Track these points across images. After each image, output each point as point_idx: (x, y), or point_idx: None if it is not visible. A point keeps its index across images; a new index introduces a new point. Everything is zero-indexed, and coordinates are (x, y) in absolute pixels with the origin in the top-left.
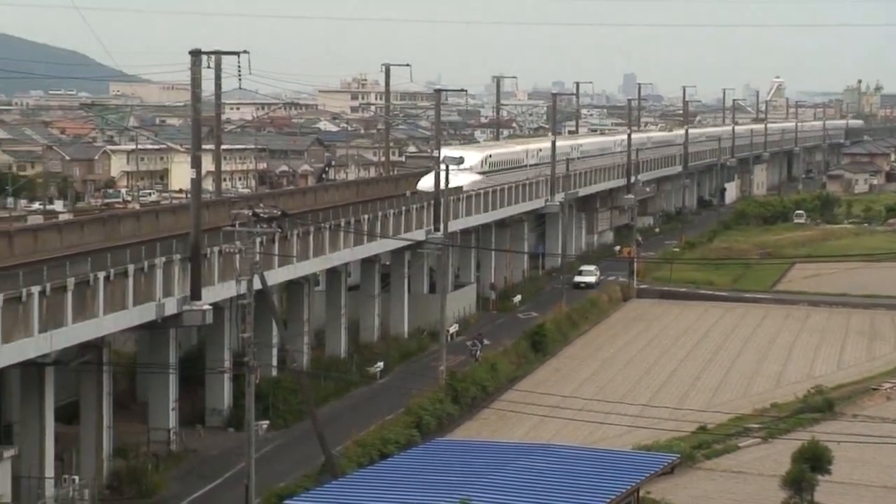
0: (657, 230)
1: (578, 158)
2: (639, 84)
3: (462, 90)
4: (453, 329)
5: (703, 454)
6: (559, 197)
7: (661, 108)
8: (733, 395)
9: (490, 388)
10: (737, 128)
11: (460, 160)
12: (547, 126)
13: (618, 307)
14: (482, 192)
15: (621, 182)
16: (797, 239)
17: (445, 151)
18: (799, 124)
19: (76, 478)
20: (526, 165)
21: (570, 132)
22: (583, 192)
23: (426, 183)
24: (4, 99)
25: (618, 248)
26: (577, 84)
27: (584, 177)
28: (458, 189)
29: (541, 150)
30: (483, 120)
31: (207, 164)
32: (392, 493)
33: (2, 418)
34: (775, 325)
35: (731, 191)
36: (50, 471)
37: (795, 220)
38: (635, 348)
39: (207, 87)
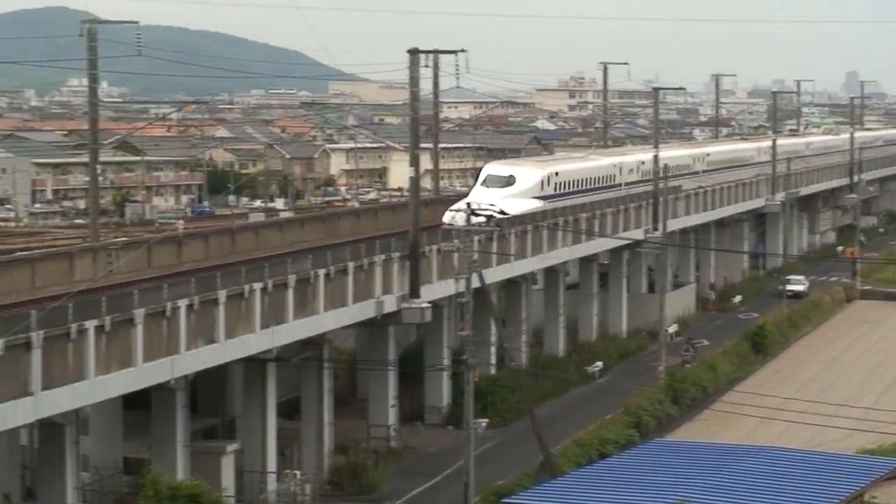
0: (881, 230)
1: (704, 171)
2: (861, 82)
3: (680, 88)
4: (672, 329)
5: None
6: (780, 196)
7: (884, 106)
8: None
9: (710, 389)
10: None
11: (509, 180)
12: (767, 125)
13: (841, 308)
14: (702, 191)
15: (844, 181)
16: None
17: (491, 168)
18: None
19: (298, 473)
20: (620, 185)
21: (790, 130)
22: (804, 191)
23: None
24: (227, 98)
25: (840, 248)
26: (798, 82)
27: (806, 176)
28: (677, 188)
29: (643, 162)
30: (702, 118)
31: (426, 162)
32: (610, 493)
33: (225, 413)
34: None
35: None
36: (272, 465)
37: None
38: (859, 350)
39: (426, 85)
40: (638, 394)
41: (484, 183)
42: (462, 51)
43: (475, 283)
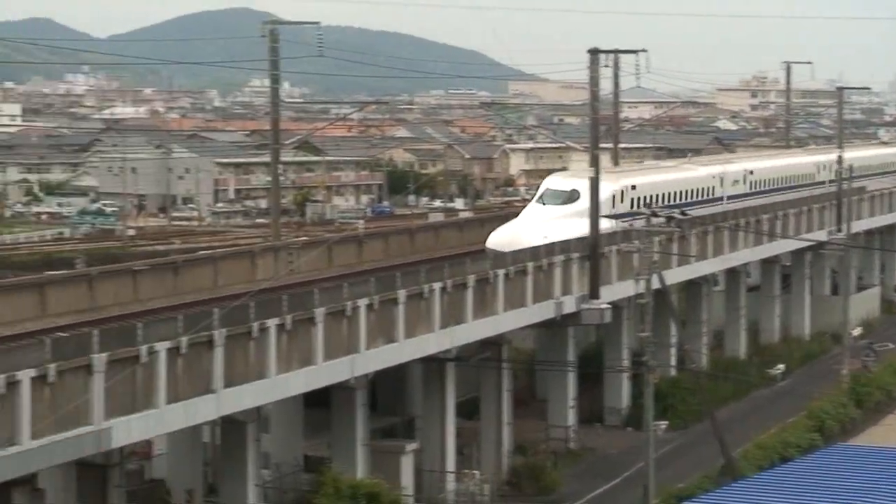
0: None
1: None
2: None
3: (865, 88)
4: (857, 332)
5: None
6: None
7: None
8: None
9: (895, 393)
10: None
11: (571, 196)
12: None
13: None
14: (887, 192)
15: None
16: None
17: (551, 181)
18: None
19: (477, 473)
20: (721, 198)
21: None
22: None
23: (499, 238)
24: (406, 98)
25: None
26: None
27: None
28: (861, 189)
29: (751, 172)
30: (887, 118)
31: (605, 162)
32: (793, 497)
33: (405, 412)
34: None
35: None
36: (451, 465)
37: None
38: None
39: (606, 85)
40: (821, 397)
41: (541, 199)
42: (642, 50)
43: (655, 285)
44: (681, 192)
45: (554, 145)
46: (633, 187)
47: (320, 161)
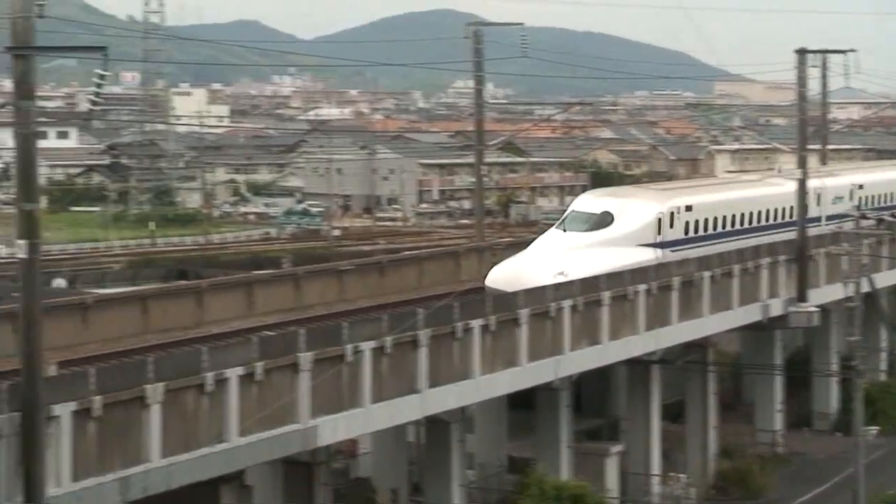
0: None
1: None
2: None
3: None
4: None
5: None
6: None
7: None
8: None
9: None
10: None
11: (602, 219)
12: None
13: None
14: None
15: None
16: None
17: (580, 202)
18: None
19: (682, 476)
20: (819, 219)
21: None
22: None
23: (500, 275)
24: (611, 99)
25: None
26: None
27: None
28: None
29: (860, 186)
30: None
31: (814, 164)
32: None
33: (609, 414)
34: None
35: None
36: (656, 468)
37: None
38: None
39: (813, 85)
40: None
41: (562, 224)
42: (851, 50)
43: (865, 288)
44: (756, 214)
45: (760, 147)
46: (689, 208)
47: (524, 162)
